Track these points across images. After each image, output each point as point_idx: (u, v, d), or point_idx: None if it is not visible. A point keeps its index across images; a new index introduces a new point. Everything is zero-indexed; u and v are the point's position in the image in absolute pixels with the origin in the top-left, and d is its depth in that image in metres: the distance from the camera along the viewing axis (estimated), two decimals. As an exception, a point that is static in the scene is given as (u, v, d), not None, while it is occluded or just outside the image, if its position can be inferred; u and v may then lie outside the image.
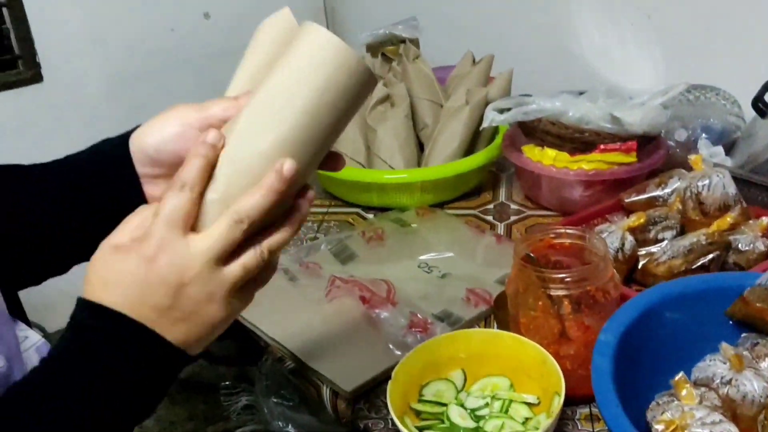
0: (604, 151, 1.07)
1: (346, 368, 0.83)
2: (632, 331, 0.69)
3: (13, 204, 0.61)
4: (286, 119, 0.50)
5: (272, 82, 0.51)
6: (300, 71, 0.51)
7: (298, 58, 0.51)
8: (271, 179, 0.50)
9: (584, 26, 1.47)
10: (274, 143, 0.50)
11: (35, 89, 1.99)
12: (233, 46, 2.27)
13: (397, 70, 1.32)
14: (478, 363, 0.77)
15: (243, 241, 0.50)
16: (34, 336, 0.59)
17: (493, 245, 1.07)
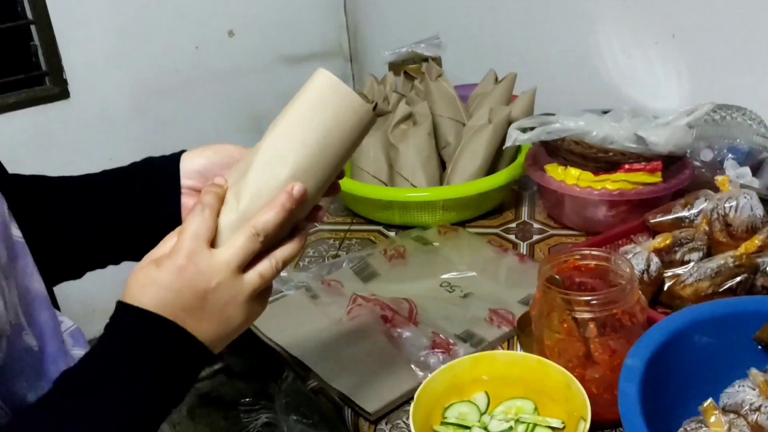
0: (628, 171, 1.06)
1: (368, 389, 0.82)
2: (659, 355, 0.68)
3: (70, 210, 0.70)
4: (299, 151, 0.59)
5: (287, 121, 0.60)
6: (311, 111, 0.59)
7: (308, 101, 0.60)
8: (282, 198, 0.58)
9: (608, 45, 1.46)
10: (288, 172, 0.59)
11: (62, 105, 2.02)
12: (257, 64, 2.33)
13: (419, 88, 1.32)
14: (502, 385, 0.76)
15: (259, 254, 0.58)
16: (68, 321, 0.65)
17: (516, 265, 1.06)
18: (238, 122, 2.32)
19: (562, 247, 1.12)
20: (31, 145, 1.97)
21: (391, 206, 1.16)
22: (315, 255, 1.15)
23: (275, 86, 2.35)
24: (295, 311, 0.98)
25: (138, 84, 2.11)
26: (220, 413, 1.87)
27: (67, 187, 0.72)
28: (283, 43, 2.33)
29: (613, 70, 1.46)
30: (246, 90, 2.30)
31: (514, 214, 1.24)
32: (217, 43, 2.21)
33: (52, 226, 0.69)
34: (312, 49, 2.40)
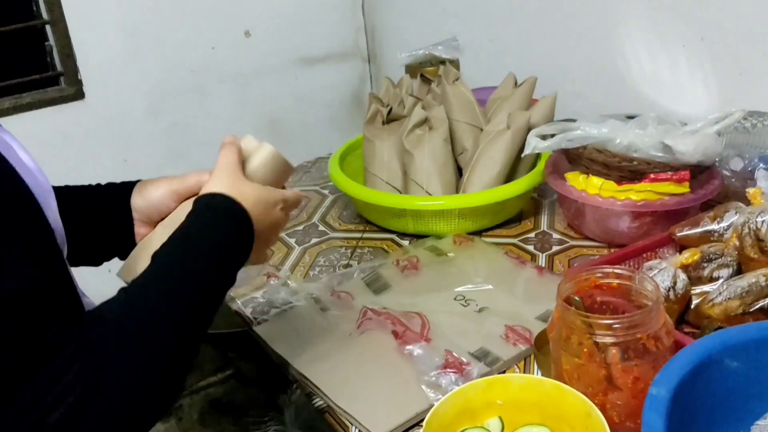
0: (654, 180, 1.01)
1: (376, 410, 0.78)
2: (686, 383, 0.64)
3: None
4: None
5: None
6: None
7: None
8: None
9: (633, 48, 1.41)
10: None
11: (77, 106, 2.01)
12: (273, 64, 2.30)
13: (436, 92, 1.28)
14: (517, 410, 0.72)
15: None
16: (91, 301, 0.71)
17: (534, 278, 1.01)
18: (253, 124, 2.29)
19: (582, 260, 1.07)
20: (46, 145, 1.95)
21: (404, 214, 1.12)
22: (326, 264, 1.11)
23: (292, 88, 2.32)
24: (303, 324, 0.95)
25: (153, 85, 2.09)
26: (229, 419, 1.84)
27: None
28: (300, 43, 2.29)
29: (638, 73, 1.41)
30: (262, 91, 2.27)
31: (533, 223, 1.19)
32: (234, 44, 2.18)
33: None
34: (329, 50, 2.36)
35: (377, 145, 1.20)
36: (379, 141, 1.20)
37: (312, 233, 1.21)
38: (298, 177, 1.52)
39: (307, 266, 1.11)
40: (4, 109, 1.88)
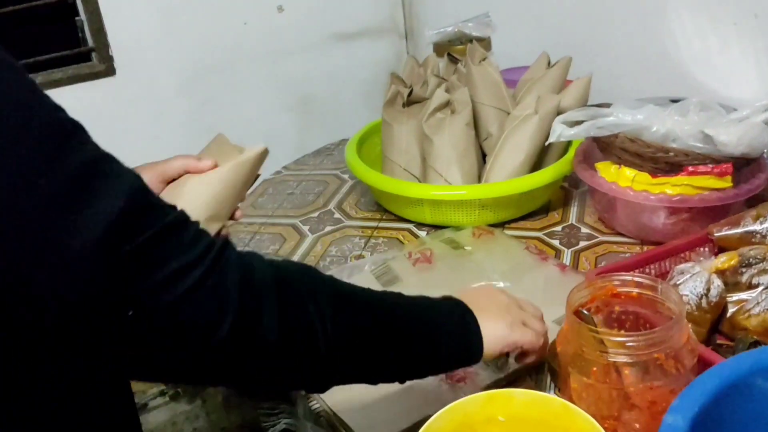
0: (692, 173, 0.92)
1: (372, 418, 0.73)
2: (710, 410, 0.56)
3: None
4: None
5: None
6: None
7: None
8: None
9: (680, 24, 1.30)
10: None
11: (108, 82, 1.99)
12: (306, 40, 2.23)
13: (462, 72, 1.20)
14: (520, 428, 0.65)
15: None
16: None
17: (556, 276, 0.94)
18: (285, 101, 2.24)
19: (611, 257, 0.99)
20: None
21: (422, 203, 1.06)
22: (338, 255, 1.06)
23: (325, 64, 2.26)
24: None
25: (184, 61, 2.06)
26: (252, 404, 1.82)
27: None
28: (335, 19, 2.22)
29: (685, 53, 1.30)
30: (294, 68, 2.22)
31: (561, 215, 1.11)
32: (266, 20, 2.13)
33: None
34: (364, 26, 2.29)
35: (396, 129, 1.13)
36: (397, 125, 1.13)
37: (327, 221, 1.16)
38: (319, 160, 1.47)
39: (318, 256, 1.06)
40: (36, 85, 1.87)
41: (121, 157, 0.88)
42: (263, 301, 0.51)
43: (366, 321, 0.60)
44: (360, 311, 0.59)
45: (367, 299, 0.62)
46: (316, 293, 0.56)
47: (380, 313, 0.62)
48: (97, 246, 0.43)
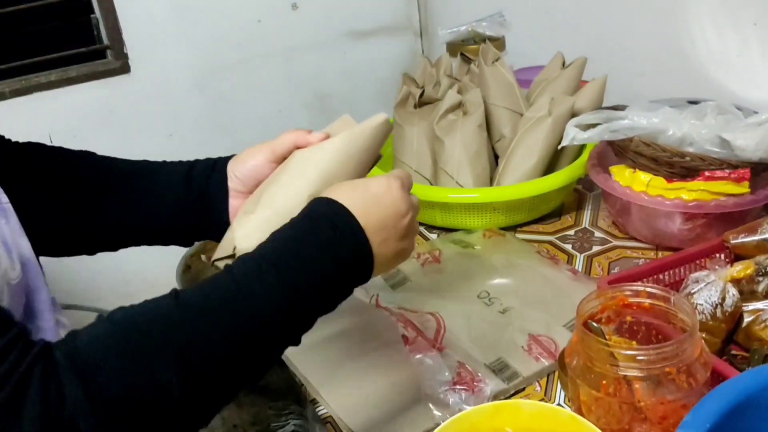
0: (708, 179, 0.90)
1: (376, 426, 0.72)
2: (722, 428, 0.55)
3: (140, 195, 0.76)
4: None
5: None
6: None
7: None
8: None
9: (699, 24, 1.27)
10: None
11: (122, 79, 1.99)
12: (320, 38, 2.22)
13: (475, 72, 1.18)
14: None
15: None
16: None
17: (567, 281, 0.92)
18: (300, 99, 2.24)
19: (624, 263, 0.97)
20: (92, 119, 1.95)
21: (432, 206, 1.05)
22: (347, 256, 1.05)
23: (340, 62, 2.25)
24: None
25: (199, 59, 2.06)
26: (265, 402, 1.82)
27: (115, 170, 0.77)
28: (349, 16, 2.21)
29: (703, 53, 1.27)
30: (309, 66, 2.21)
31: (574, 219, 1.09)
32: (281, 17, 2.12)
33: (90, 204, 0.74)
34: (379, 24, 2.28)
35: (407, 131, 1.12)
36: (408, 126, 1.12)
37: (337, 222, 1.15)
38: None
39: (328, 258, 1.05)
40: (51, 81, 1.88)
41: (135, 154, 0.88)
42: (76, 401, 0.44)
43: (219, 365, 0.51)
44: (209, 357, 0.50)
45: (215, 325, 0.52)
46: (152, 362, 0.48)
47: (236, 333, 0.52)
48: None
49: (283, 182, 0.67)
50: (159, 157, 0.85)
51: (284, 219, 0.61)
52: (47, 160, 0.76)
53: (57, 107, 1.90)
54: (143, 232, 0.77)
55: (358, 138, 0.67)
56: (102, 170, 0.77)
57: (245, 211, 0.67)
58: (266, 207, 0.66)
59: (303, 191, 0.65)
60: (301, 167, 0.67)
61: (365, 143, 0.67)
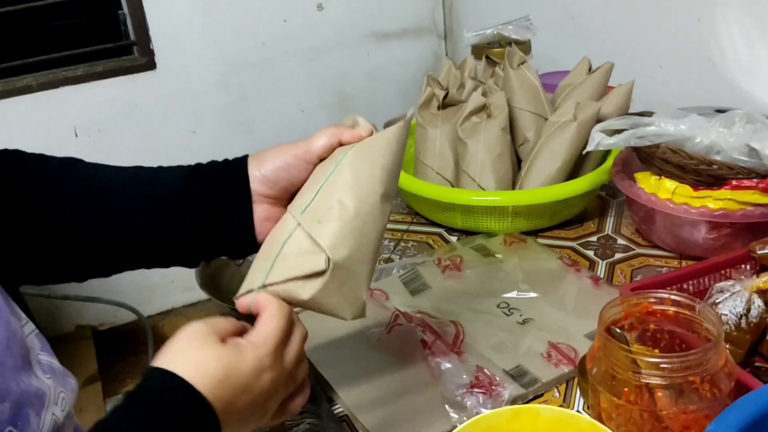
0: (736, 188, 0.88)
1: (393, 427, 0.72)
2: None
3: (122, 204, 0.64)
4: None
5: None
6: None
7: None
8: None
9: (729, 32, 1.26)
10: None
11: (148, 76, 2.02)
12: (345, 38, 2.23)
13: (500, 75, 1.18)
14: (546, 446, 0.63)
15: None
16: (31, 325, 0.59)
17: (589, 289, 0.91)
18: (322, 98, 2.25)
19: (647, 271, 0.96)
20: (117, 114, 1.97)
21: (453, 209, 1.04)
22: (366, 256, 1.05)
23: (363, 63, 2.26)
24: (330, 322, 0.89)
25: (223, 57, 2.07)
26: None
27: (102, 181, 0.65)
28: (374, 18, 2.22)
29: (733, 62, 1.26)
30: (333, 66, 2.22)
31: (597, 225, 1.08)
32: (306, 17, 2.13)
33: (72, 222, 0.63)
34: (404, 25, 2.28)
35: (430, 133, 1.12)
36: (432, 128, 1.12)
37: (357, 222, 1.15)
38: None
39: (347, 257, 1.05)
40: (77, 76, 1.90)
41: (158, 149, 0.87)
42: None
43: None
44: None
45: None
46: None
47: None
48: None
49: (350, 180, 0.59)
50: (182, 152, 0.81)
51: (364, 222, 0.58)
52: (19, 171, 0.64)
53: (83, 101, 1.92)
54: (137, 253, 0.65)
55: (403, 130, 0.62)
56: (85, 182, 0.64)
57: (318, 220, 0.59)
58: (345, 210, 0.58)
59: (376, 189, 0.60)
60: (364, 162, 0.61)
61: (407, 137, 0.63)
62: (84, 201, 0.63)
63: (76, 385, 0.61)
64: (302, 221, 0.59)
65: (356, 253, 0.58)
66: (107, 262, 0.65)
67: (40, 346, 0.58)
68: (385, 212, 0.61)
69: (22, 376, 0.53)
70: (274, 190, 0.64)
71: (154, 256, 0.65)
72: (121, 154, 1.97)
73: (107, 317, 2.12)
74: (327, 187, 0.60)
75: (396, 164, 0.62)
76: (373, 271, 0.61)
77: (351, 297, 0.59)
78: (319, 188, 0.60)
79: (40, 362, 0.57)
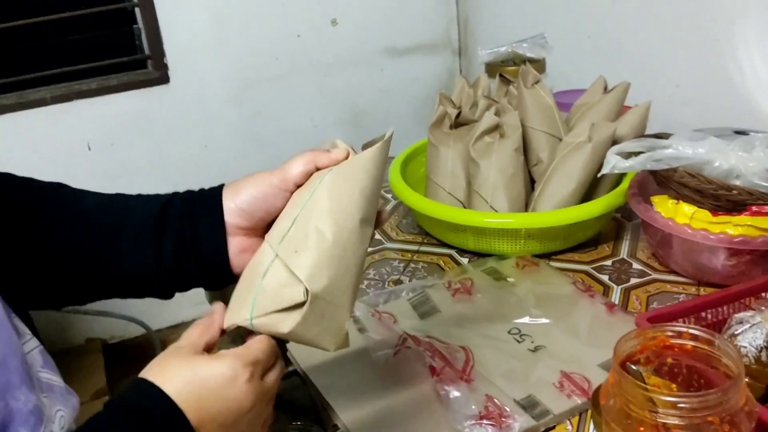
0: (756, 214, 0.86)
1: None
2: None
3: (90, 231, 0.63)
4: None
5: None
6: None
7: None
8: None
9: (748, 52, 1.23)
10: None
11: (162, 90, 2.02)
12: (359, 54, 2.22)
13: (514, 94, 1.16)
14: (557, 483, 0.61)
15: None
16: (34, 341, 0.59)
17: (603, 316, 0.89)
18: (336, 114, 2.24)
19: (663, 297, 0.93)
20: (130, 128, 1.97)
21: (464, 230, 1.02)
22: (376, 278, 1.03)
23: (377, 79, 2.25)
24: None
25: (237, 71, 2.07)
26: (288, 418, 1.79)
27: (82, 207, 0.65)
28: (388, 34, 2.21)
29: (752, 82, 1.23)
30: (346, 82, 2.21)
31: (612, 248, 1.06)
32: (320, 33, 2.13)
33: (47, 248, 0.62)
34: (418, 41, 2.27)
35: (442, 152, 1.10)
36: (444, 147, 1.10)
37: (366, 242, 1.13)
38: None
39: (356, 278, 1.03)
40: (91, 89, 1.91)
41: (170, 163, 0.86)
42: None
43: None
44: None
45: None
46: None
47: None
48: None
49: (328, 207, 0.58)
50: (194, 166, 0.81)
51: (343, 249, 0.57)
52: (1, 198, 0.63)
53: (96, 115, 1.93)
54: (112, 283, 0.64)
55: (381, 152, 0.61)
56: (66, 209, 0.64)
57: (295, 250, 0.57)
58: (322, 239, 0.57)
59: (355, 214, 0.58)
60: (341, 187, 0.59)
61: (386, 159, 0.62)
62: (64, 229, 0.62)
63: (77, 402, 0.61)
64: (280, 252, 0.58)
65: (336, 282, 0.57)
66: (82, 290, 0.64)
67: (41, 362, 0.58)
68: (365, 237, 0.60)
69: (16, 393, 0.52)
70: (250, 222, 0.63)
71: (131, 287, 0.64)
72: (134, 168, 1.97)
73: (117, 330, 2.12)
74: (304, 215, 0.59)
75: (374, 187, 0.60)
76: (355, 298, 0.60)
77: (333, 328, 0.58)
78: (296, 216, 0.59)
79: (39, 379, 0.56)
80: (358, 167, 0.60)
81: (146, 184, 1.98)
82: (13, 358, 0.53)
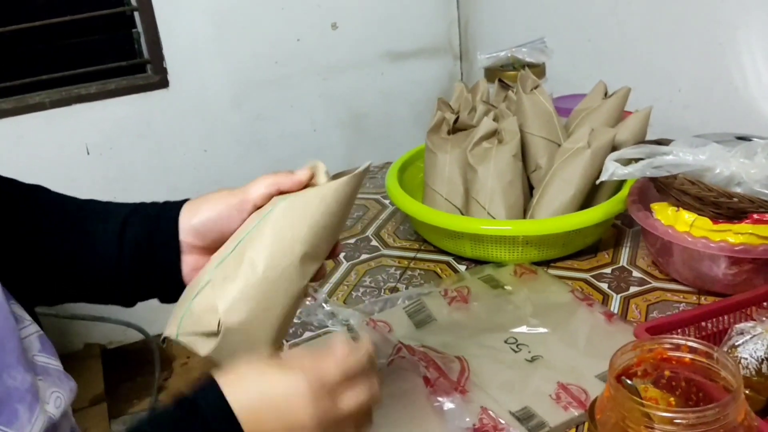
0: (757, 222, 0.84)
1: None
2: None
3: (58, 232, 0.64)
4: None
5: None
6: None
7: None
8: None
9: (751, 57, 1.22)
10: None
11: (161, 94, 2.01)
12: (360, 59, 2.21)
13: (513, 99, 1.15)
14: (551, 499, 0.60)
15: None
16: (34, 326, 0.59)
17: (601, 325, 0.87)
18: (336, 118, 2.23)
19: (663, 306, 0.92)
20: (129, 132, 1.96)
21: (462, 237, 1.01)
22: (371, 285, 1.02)
23: (377, 82, 2.24)
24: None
25: (237, 75, 2.06)
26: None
27: (57, 211, 0.66)
28: (389, 37, 2.20)
29: (754, 86, 1.22)
30: (347, 85, 2.20)
31: (611, 256, 1.04)
32: (320, 36, 2.12)
33: (20, 248, 0.63)
34: (418, 45, 2.26)
35: (439, 158, 1.08)
36: (441, 153, 1.08)
37: (363, 248, 1.12)
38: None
39: (352, 286, 1.02)
40: (90, 93, 1.90)
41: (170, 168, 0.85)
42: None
43: None
44: None
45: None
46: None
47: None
48: None
49: (269, 238, 0.58)
50: (194, 170, 0.80)
51: (272, 284, 0.56)
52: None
53: (95, 119, 1.92)
54: (77, 287, 0.65)
55: (347, 187, 0.59)
56: (41, 210, 0.65)
57: (225, 277, 0.57)
58: (252, 271, 0.57)
59: (296, 250, 0.58)
60: (289, 219, 0.58)
61: (353, 192, 0.61)
62: (38, 232, 0.63)
63: (75, 386, 0.61)
64: (214, 276, 0.58)
65: (257, 316, 0.56)
66: (54, 291, 0.66)
67: (39, 347, 0.58)
68: (306, 273, 0.59)
69: (12, 372, 0.53)
70: (203, 242, 0.63)
71: (96, 292, 0.65)
72: (133, 172, 1.96)
73: (116, 336, 2.11)
74: (246, 242, 0.58)
75: (329, 222, 0.59)
76: (283, 333, 0.60)
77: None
78: (239, 242, 0.59)
79: (35, 363, 0.57)
80: (315, 201, 0.59)
81: (145, 188, 1.97)
82: (10, 340, 0.54)
